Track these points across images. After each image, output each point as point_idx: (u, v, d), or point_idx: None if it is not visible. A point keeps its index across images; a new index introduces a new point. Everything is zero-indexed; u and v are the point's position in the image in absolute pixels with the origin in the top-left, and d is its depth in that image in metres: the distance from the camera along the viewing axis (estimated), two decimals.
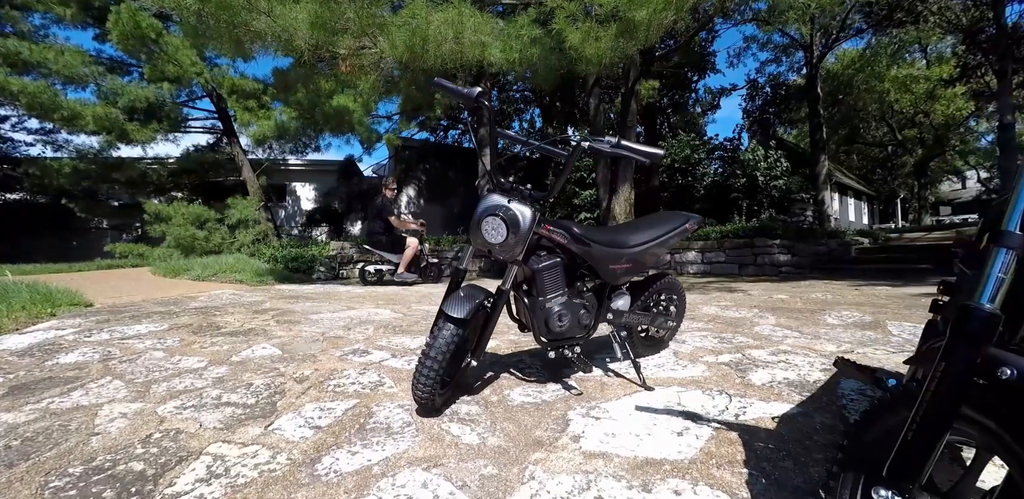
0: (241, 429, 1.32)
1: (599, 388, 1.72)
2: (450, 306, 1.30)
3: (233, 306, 3.86)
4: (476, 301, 1.35)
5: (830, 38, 19.98)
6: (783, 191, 17.48)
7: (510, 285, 1.41)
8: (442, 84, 1.35)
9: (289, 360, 2.07)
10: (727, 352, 2.23)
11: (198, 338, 2.59)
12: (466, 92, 1.31)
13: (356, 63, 5.22)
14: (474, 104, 1.32)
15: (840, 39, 20.09)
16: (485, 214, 1.34)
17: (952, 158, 32.90)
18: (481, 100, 1.31)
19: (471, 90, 1.31)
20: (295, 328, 2.87)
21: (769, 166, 18.56)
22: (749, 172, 18.27)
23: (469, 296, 1.35)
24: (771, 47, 22.92)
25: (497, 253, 1.37)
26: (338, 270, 7.00)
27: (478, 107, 1.35)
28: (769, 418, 1.41)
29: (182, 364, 2.05)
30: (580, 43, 4.86)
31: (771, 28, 20.32)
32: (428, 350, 1.29)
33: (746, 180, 18.32)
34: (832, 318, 3.17)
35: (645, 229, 1.79)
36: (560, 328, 1.54)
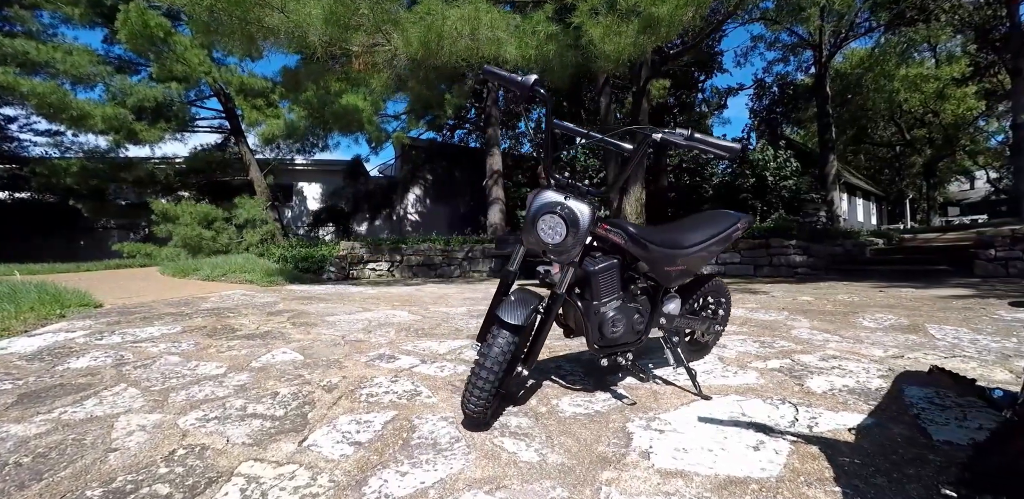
0: (273, 445, 1.20)
1: (652, 397, 1.60)
2: (506, 312, 1.18)
3: (246, 307, 3.76)
4: (531, 306, 1.23)
5: (839, 37, 19.80)
6: (793, 191, 17.30)
7: (565, 288, 1.30)
8: (494, 72, 1.24)
9: (313, 366, 1.96)
10: (774, 357, 2.12)
11: (214, 341, 2.48)
12: (521, 80, 1.20)
13: (369, 60, 5.13)
14: (529, 93, 1.21)
15: (849, 38, 19.90)
16: (541, 211, 1.22)
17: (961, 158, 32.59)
18: (537, 89, 1.20)
19: (526, 78, 1.20)
20: (313, 331, 2.76)
21: (779, 166, 18.39)
22: (758, 172, 18.09)
23: (523, 301, 1.23)
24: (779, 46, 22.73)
25: (552, 254, 1.25)
26: (348, 270, 6.90)
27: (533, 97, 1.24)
28: (845, 430, 1.33)
29: (200, 370, 1.94)
30: (601, 38, 4.75)
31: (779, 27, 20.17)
32: (483, 360, 1.17)
33: (755, 180, 18.15)
34: (867, 321, 3.06)
35: (697, 229, 1.67)
36: (614, 334, 1.42)
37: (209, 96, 12.69)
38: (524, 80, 1.20)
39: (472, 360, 1.96)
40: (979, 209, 39.89)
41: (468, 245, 7.90)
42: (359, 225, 16.32)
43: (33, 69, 10.02)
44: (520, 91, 1.21)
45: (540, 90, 1.21)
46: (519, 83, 1.21)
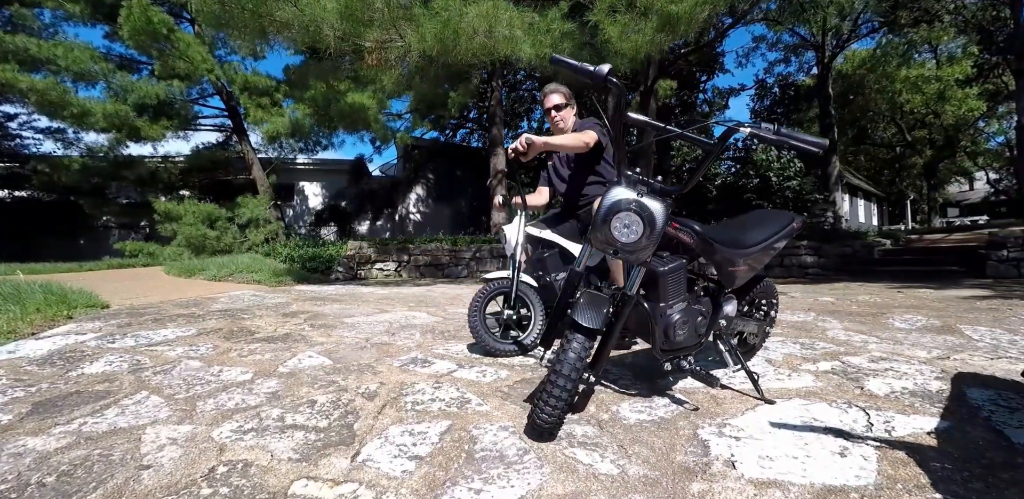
0: (324, 461, 1.10)
1: (712, 402, 1.51)
2: (581, 315, 1.09)
3: (259, 308, 3.65)
4: (605, 309, 1.13)
5: (841, 38, 19.77)
6: (797, 192, 17.25)
7: (637, 290, 1.20)
8: (564, 62, 1.16)
9: (344, 371, 1.85)
10: (822, 359, 2.04)
11: (233, 345, 2.38)
12: (594, 70, 1.12)
13: (382, 57, 5.02)
14: (603, 83, 1.12)
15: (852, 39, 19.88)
16: (616, 208, 1.13)
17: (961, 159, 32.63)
18: (611, 79, 1.12)
19: (600, 68, 1.12)
20: (334, 333, 2.66)
21: (783, 166, 18.35)
22: (762, 172, 18.04)
23: (595, 303, 1.14)
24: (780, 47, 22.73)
25: (624, 254, 1.15)
26: (356, 270, 6.80)
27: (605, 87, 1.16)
28: (924, 434, 1.29)
29: (224, 376, 1.84)
30: (618, 37, 4.66)
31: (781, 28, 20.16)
32: (559, 367, 1.07)
33: (759, 180, 18.10)
34: (898, 322, 2.99)
35: (756, 228, 1.59)
36: (680, 337, 1.33)
37: (211, 94, 12.57)
38: (598, 70, 1.12)
39: (514, 365, 1.88)
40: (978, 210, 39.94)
41: (476, 245, 7.80)
42: (361, 225, 16.20)
43: (34, 66, 9.89)
44: (593, 81, 1.13)
45: (614, 80, 1.12)
46: (592, 73, 1.12)
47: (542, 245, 2.25)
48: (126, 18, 8.86)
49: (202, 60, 10.15)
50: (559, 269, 2.19)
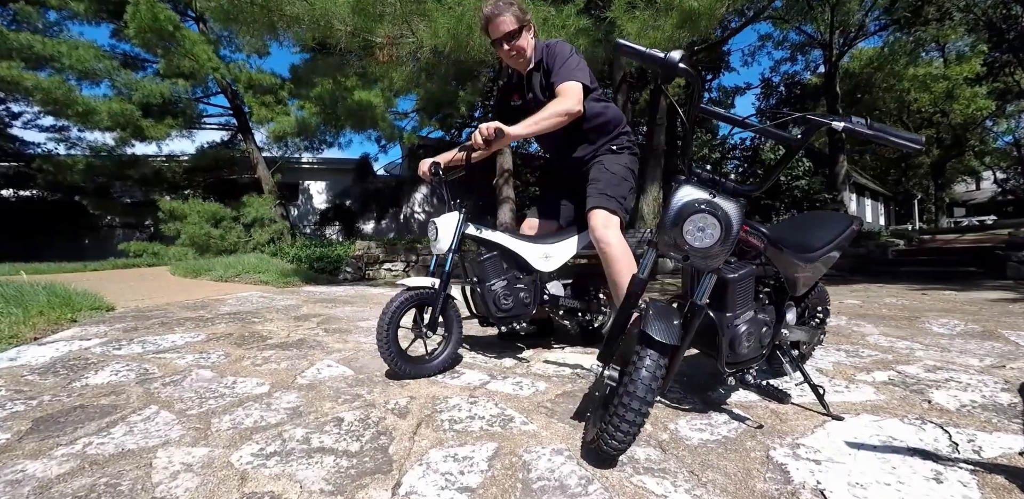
0: (361, 494, 0.97)
1: (774, 417, 1.38)
2: (654, 328, 0.95)
3: (268, 311, 3.53)
4: (677, 321, 1.00)
5: (849, 36, 19.59)
6: (805, 191, 17.08)
7: (706, 299, 1.06)
8: (629, 47, 1.01)
9: (368, 383, 1.73)
10: (875, 369, 1.92)
11: (246, 352, 2.25)
12: (665, 57, 0.96)
13: (393, 53, 4.89)
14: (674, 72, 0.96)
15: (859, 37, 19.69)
16: (689, 210, 0.99)
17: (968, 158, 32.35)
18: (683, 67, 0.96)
19: (671, 54, 0.96)
20: (350, 339, 2.53)
21: (790, 166, 18.20)
22: None
23: (665, 315, 1.00)
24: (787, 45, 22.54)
25: (696, 259, 1.02)
26: (364, 270, 6.68)
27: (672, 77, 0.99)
28: (1016, 454, 1.17)
29: (239, 388, 1.71)
30: (637, 33, 4.52)
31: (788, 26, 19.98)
32: (632, 387, 0.94)
33: None
34: (936, 327, 2.86)
35: (818, 231, 1.46)
36: (746, 349, 1.20)
37: (216, 93, 12.48)
38: (669, 58, 0.96)
39: (550, 376, 1.74)
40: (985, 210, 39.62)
41: None
42: (366, 224, 16.10)
43: (38, 64, 9.80)
44: (663, 69, 0.97)
45: (688, 70, 0.97)
46: (663, 61, 0.96)
47: (482, 246, 1.94)
48: (132, 15, 8.76)
49: (207, 58, 10.05)
50: (498, 274, 1.88)
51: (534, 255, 1.96)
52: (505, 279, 1.90)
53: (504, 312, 1.86)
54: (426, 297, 1.77)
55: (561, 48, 1.82)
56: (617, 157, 2.00)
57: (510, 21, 1.76)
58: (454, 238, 1.82)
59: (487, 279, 1.88)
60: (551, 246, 2.00)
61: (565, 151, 2.06)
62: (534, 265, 1.95)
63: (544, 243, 2.01)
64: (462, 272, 2.06)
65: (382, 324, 1.66)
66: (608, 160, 1.98)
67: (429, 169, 1.95)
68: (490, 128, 1.63)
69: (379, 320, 1.67)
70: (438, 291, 1.78)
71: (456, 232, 1.83)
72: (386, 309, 1.69)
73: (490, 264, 1.90)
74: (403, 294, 1.74)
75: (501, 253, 1.93)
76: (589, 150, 2.02)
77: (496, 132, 1.63)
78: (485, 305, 1.86)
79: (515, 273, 1.95)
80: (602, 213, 1.80)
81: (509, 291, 1.87)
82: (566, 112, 1.69)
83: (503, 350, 2.21)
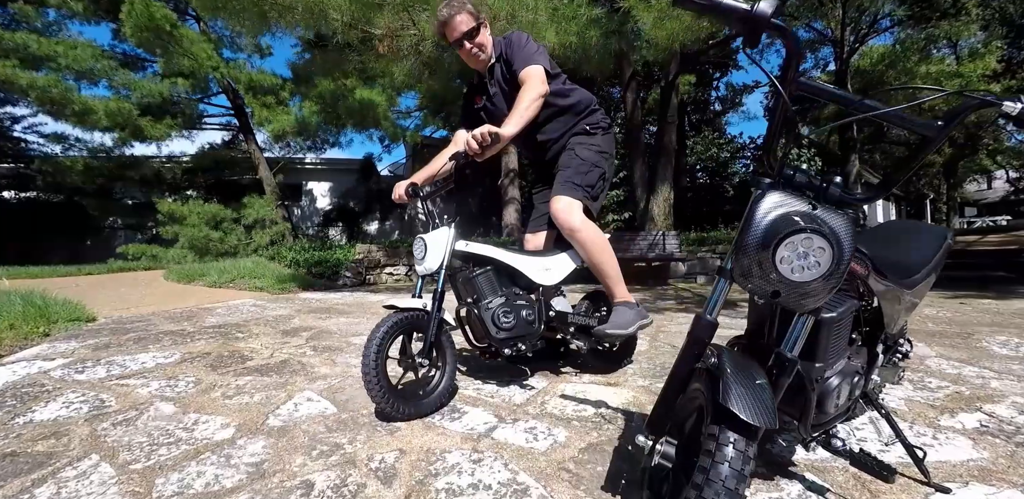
0: None
1: (859, 485, 1.09)
2: (741, 404, 0.65)
3: (257, 323, 3.27)
4: (767, 389, 0.71)
5: (860, 33, 19.18)
6: None
7: (799, 351, 0.77)
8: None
9: (352, 426, 1.45)
10: (958, 409, 1.60)
11: (219, 378, 1.98)
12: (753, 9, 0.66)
13: (393, 45, 4.62)
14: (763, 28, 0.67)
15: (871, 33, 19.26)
16: (784, 228, 0.69)
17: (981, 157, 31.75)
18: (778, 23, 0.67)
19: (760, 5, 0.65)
20: (340, 360, 2.26)
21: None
22: None
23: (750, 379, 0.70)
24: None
25: (790, 297, 0.73)
26: (365, 275, 6.42)
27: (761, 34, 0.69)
28: None
29: (200, 431, 1.44)
30: (653, 24, 4.22)
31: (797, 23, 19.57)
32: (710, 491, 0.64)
33: None
34: (996, 346, 2.55)
35: (910, 248, 1.16)
36: (837, 406, 0.91)
37: (217, 93, 12.28)
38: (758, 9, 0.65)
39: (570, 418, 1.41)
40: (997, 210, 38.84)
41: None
42: (369, 225, 15.89)
43: (35, 64, 9.63)
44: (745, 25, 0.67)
45: (780, 24, 0.66)
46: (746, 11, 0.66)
47: (472, 262, 1.75)
48: (127, 13, 8.56)
49: (207, 57, 9.84)
50: (495, 291, 1.69)
51: (533, 268, 1.76)
52: (503, 295, 1.68)
53: (506, 332, 1.62)
54: (416, 321, 1.53)
55: (518, 37, 1.78)
56: (589, 139, 1.86)
57: (467, 20, 1.72)
58: (445, 254, 1.61)
59: (483, 297, 1.66)
60: (550, 258, 1.82)
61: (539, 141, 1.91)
62: (534, 279, 1.75)
63: (542, 256, 1.82)
64: (455, 294, 1.81)
65: (368, 355, 1.39)
66: (579, 144, 1.84)
67: (406, 192, 1.79)
68: (485, 132, 1.45)
69: (365, 350, 1.41)
70: (431, 314, 1.53)
71: (447, 248, 1.62)
72: (372, 336, 1.42)
73: (484, 280, 1.69)
74: (391, 318, 1.48)
75: (495, 269, 1.72)
76: (562, 132, 1.89)
77: (492, 136, 1.46)
78: (484, 326, 1.62)
79: (514, 289, 1.73)
80: (564, 199, 1.70)
81: (509, 308, 1.64)
82: (538, 95, 1.63)
83: (510, 377, 1.93)
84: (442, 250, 1.61)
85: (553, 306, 1.82)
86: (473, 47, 1.75)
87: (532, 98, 1.60)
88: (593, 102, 1.91)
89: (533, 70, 1.65)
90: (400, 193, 1.79)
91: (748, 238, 0.73)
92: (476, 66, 1.86)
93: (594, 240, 1.71)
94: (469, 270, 1.72)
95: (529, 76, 1.64)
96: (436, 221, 1.70)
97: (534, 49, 1.72)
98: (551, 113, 1.84)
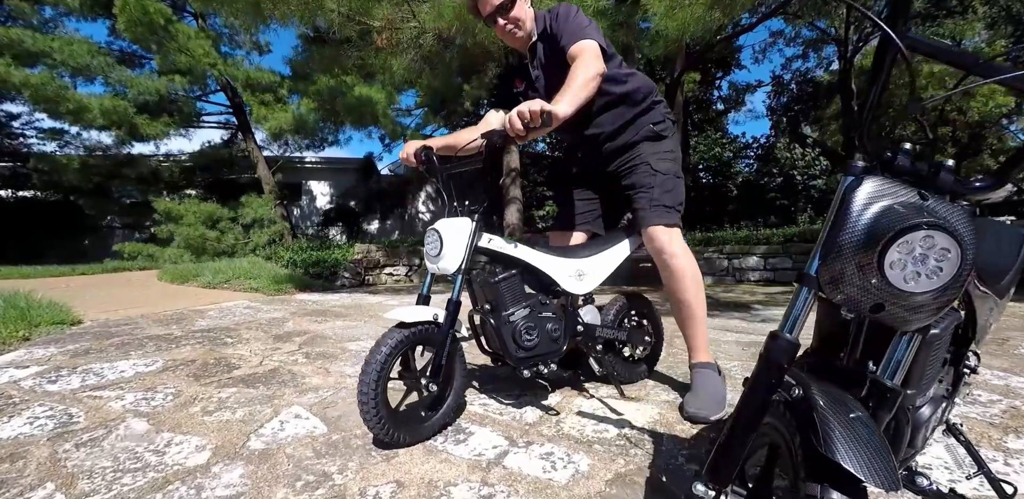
0: None
1: None
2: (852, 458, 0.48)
3: (248, 327, 3.10)
4: (878, 436, 0.54)
5: (864, 32, 19.04)
6: (823, 191, 16.49)
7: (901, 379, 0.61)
8: None
9: (343, 449, 1.28)
10: (1021, 427, 1.43)
11: (200, 389, 1.82)
12: None
13: (392, 38, 4.46)
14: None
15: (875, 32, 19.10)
16: (899, 226, 0.53)
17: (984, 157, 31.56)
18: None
19: None
20: (333, 369, 2.10)
21: (807, 164, 17.69)
22: (786, 170, 17.36)
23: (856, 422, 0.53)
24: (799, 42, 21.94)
25: (895, 312, 0.57)
26: (364, 276, 6.25)
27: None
28: None
29: (172, 454, 1.28)
30: (665, 13, 4.05)
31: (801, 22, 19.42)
32: None
33: (783, 179, 17.43)
34: None
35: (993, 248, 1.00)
36: (926, 439, 0.75)
37: (215, 90, 12.12)
38: None
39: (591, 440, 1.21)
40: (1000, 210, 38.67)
41: None
42: (370, 225, 15.73)
43: (30, 61, 9.46)
44: None
45: None
46: None
47: (496, 262, 1.47)
48: (121, 8, 8.40)
49: (204, 54, 9.67)
50: (518, 300, 1.42)
51: (564, 273, 1.51)
52: (527, 306, 1.42)
53: (527, 351, 1.39)
54: (425, 336, 1.30)
55: (565, 10, 1.52)
56: (660, 145, 1.62)
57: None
58: (466, 253, 1.34)
59: (504, 307, 1.39)
60: (585, 261, 1.56)
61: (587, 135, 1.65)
62: (564, 286, 1.50)
63: (576, 257, 1.55)
64: (470, 298, 1.57)
65: (367, 381, 1.17)
66: (652, 155, 1.59)
67: (416, 156, 1.50)
68: (536, 111, 1.16)
69: (362, 374, 1.19)
70: (444, 329, 1.30)
71: (469, 245, 1.34)
72: (372, 358, 1.20)
73: (507, 286, 1.41)
74: (395, 334, 1.25)
75: (521, 271, 1.45)
76: (618, 126, 1.62)
77: (544, 116, 1.17)
78: (502, 342, 1.38)
79: (539, 297, 1.48)
80: (661, 229, 1.50)
81: (533, 322, 1.40)
82: (596, 74, 1.36)
83: (521, 389, 1.76)
84: (462, 247, 1.33)
85: (581, 317, 1.58)
86: (508, 23, 1.51)
87: (588, 76, 1.33)
88: (654, 91, 1.65)
89: (587, 44, 1.41)
90: (410, 152, 1.52)
91: (843, 236, 0.57)
92: (515, 45, 1.63)
93: (690, 271, 1.50)
94: (490, 272, 1.44)
95: (582, 51, 1.39)
96: (455, 206, 1.42)
97: (585, 23, 1.48)
98: (605, 103, 1.58)
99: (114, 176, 11.33)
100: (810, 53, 22.78)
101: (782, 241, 7.04)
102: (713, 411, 1.37)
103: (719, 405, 1.40)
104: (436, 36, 4.59)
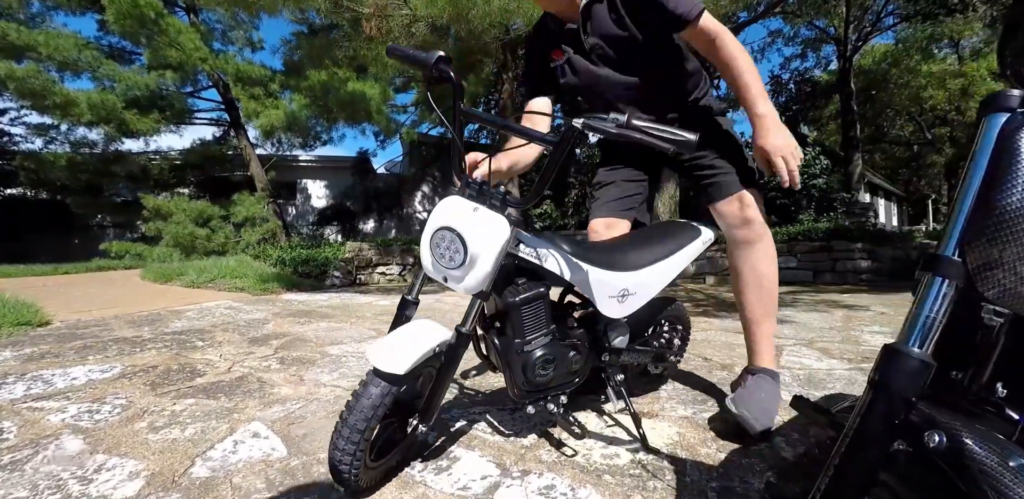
0: None
1: None
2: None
3: (224, 329, 2.89)
4: None
5: (863, 31, 18.93)
6: (823, 190, 16.35)
7: None
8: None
9: (302, 479, 1.07)
10: None
11: (154, 400, 1.61)
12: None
13: (383, 26, 4.26)
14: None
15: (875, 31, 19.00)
16: None
17: None
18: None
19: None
20: (307, 376, 1.89)
21: (807, 163, 17.56)
22: None
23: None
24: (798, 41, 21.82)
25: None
26: (355, 275, 6.04)
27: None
28: None
29: (98, 483, 1.07)
30: None
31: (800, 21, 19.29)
32: None
33: None
34: None
35: None
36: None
37: (207, 86, 11.91)
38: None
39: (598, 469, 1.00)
40: None
41: None
42: (366, 224, 15.51)
43: (15, 54, 9.22)
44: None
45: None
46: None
47: (520, 272, 1.09)
48: (110, 0, 8.17)
49: (195, 48, 9.44)
50: (540, 326, 1.07)
51: (606, 294, 1.13)
52: (549, 333, 1.08)
53: (536, 387, 1.09)
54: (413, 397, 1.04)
55: None
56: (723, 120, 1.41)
57: None
58: (495, 264, 0.94)
59: (520, 334, 1.04)
60: (638, 275, 1.17)
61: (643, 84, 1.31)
62: (601, 308, 1.13)
63: (627, 270, 1.15)
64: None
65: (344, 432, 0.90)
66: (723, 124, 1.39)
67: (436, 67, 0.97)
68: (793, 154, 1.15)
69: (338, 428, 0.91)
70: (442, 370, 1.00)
71: (499, 254, 0.94)
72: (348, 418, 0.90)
73: (530, 311, 1.05)
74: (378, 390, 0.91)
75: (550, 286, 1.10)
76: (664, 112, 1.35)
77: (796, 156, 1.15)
78: (508, 372, 1.08)
79: (567, 320, 1.17)
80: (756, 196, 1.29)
81: (553, 354, 1.07)
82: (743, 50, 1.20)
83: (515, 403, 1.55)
84: (492, 258, 0.92)
85: (611, 342, 1.23)
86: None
87: (751, 62, 1.16)
88: (704, 76, 1.42)
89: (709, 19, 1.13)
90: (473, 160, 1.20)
91: (1005, 199, 0.37)
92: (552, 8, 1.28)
93: (772, 252, 1.28)
94: (513, 289, 1.06)
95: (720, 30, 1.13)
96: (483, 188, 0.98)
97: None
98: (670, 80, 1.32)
99: (103, 174, 11.09)
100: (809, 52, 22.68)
101: (785, 239, 6.87)
102: (761, 421, 1.14)
103: (768, 417, 1.16)
104: (429, 24, 4.40)
